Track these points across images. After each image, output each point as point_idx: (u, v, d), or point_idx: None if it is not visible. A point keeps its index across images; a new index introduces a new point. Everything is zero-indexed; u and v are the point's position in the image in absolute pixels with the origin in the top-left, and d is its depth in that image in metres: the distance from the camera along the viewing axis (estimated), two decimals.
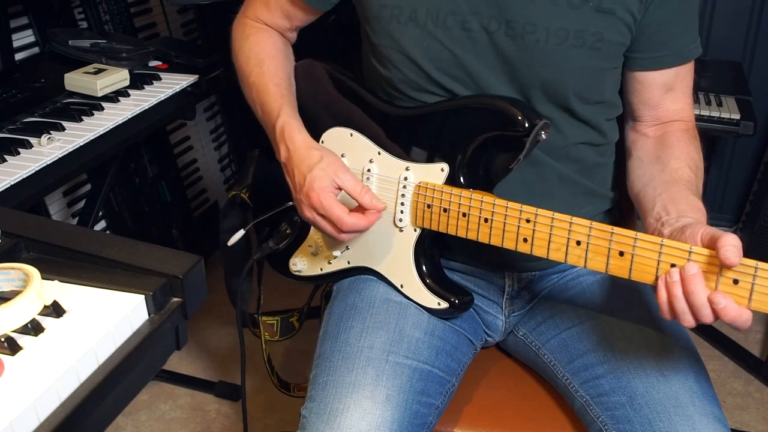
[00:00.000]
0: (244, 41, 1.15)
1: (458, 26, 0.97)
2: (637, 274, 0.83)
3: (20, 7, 1.64)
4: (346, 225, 0.96)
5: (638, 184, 1.02)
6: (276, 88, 1.08)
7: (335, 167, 0.98)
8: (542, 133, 0.93)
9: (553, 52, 0.95)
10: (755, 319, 2.14)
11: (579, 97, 1.00)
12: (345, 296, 1.09)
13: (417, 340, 1.02)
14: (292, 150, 1.02)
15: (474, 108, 0.98)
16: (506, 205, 0.91)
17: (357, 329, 1.02)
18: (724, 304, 0.76)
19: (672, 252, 0.80)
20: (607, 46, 0.96)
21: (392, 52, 1.02)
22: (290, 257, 1.16)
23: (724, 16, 2.19)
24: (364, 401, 0.93)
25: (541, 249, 0.90)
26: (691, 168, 0.99)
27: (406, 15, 0.99)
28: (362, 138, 1.06)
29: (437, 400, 1.00)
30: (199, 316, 2.15)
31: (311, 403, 0.96)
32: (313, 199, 0.97)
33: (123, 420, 1.80)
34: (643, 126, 1.08)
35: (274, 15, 1.15)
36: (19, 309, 0.63)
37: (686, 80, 1.06)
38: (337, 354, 1.00)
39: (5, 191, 1.13)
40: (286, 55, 1.15)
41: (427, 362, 1.01)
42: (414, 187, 1.01)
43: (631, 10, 0.95)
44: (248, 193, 1.24)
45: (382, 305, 1.05)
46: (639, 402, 0.92)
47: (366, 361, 0.97)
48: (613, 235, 0.84)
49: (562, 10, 0.94)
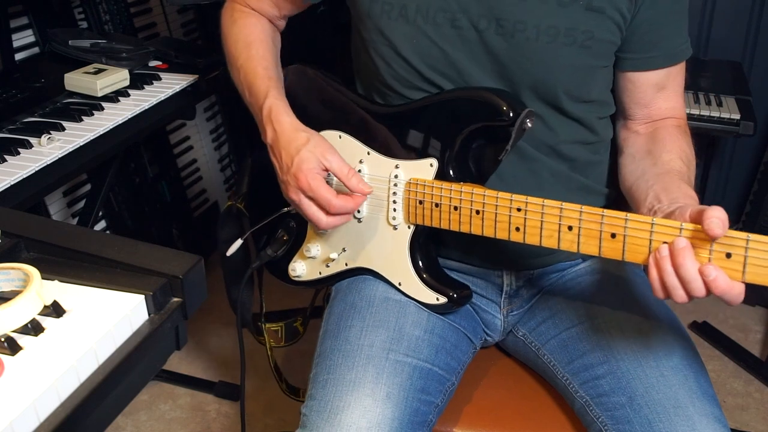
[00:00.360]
0: (232, 25, 1.15)
1: (448, 23, 0.97)
2: (631, 255, 0.83)
3: (20, 7, 1.64)
4: (333, 207, 0.96)
5: (630, 179, 1.02)
6: (264, 71, 1.08)
7: (322, 149, 0.98)
8: (527, 121, 0.93)
9: (544, 50, 0.96)
10: (755, 319, 2.15)
11: (569, 95, 1.00)
12: (345, 296, 1.09)
13: (417, 339, 1.02)
14: (279, 131, 1.01)
15: (458, 101, 0.99)
16: (496, 195, 0.92)
17: (357, 328, 1.02)
18: (714, 275, 0.75)
19: (663, 230, 0.80)
20: (598, 44, 0.97)
21: (382, 48, 1.02)
22: (289, 263, 1.16)
23: (724, 16, 2.19)
24: (364, 399, 0.93)
25: (533, 237, 0.90)
26: (683, 160, 0.99)
27: (397, 11, 0.99)
28: (351, 139, 1.07)
29: (437, 399, 1.00)
30: (199, 316, 2.15)
31: (312, 402, 0.96)
32: (301, 180, 0.97)
33: (123, 420, 1.80)
34: (634, 124, 1.08)
35: (262, 2, 1.16)
36: (19, 309, 0.63)
37: (678, 79, 1.06)
38: (338, 352, 1.00)
39: (5, 191, 1.13)
40: (273, 40, 1.16)
41: (427, 360, 1.01)
42: (405, 185, 1.01)
43: (620, 9, 0.95)
44: (244, 202, 1.24)
45: (381, 304, 1.05)
46: (639, 402, 0.92)
47: (366, 359, 0.97)
48: (604, 218, 0.84)
49: (552, 8, 0.94)
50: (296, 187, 0.99)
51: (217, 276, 1.31)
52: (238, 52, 1.12)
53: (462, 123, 0.97)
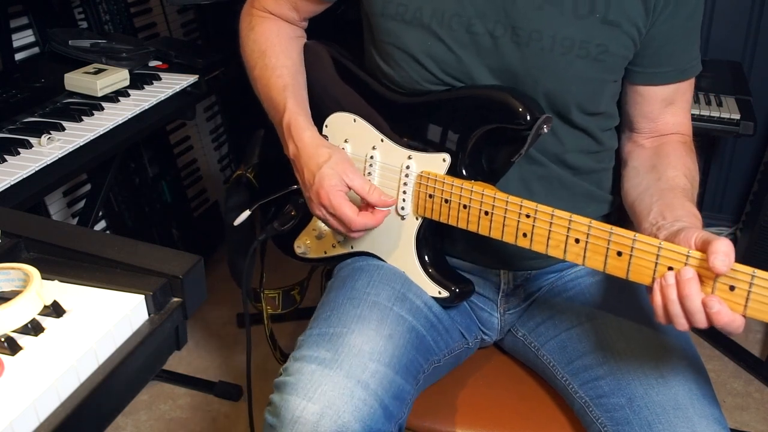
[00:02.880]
0: (249, 32, 1.15)
1: (463, 29, 0.97)
2: (635, 275, 0.83)
3: (20, 7, 1.64)
4: (355, 225, 0.98)
5: (633, 193, 1.02)
6: (279, 79, 1.08)
7: (344, 166, 0.98)
8: (544, 127, 0.93)
9: (557, 61, 0.95)
10: (755, 320, 2.15)
11: (579, 107, 1.00)
12: (352, 263, 1.10)
13: (417, 306, 1.03)
14: (300, 147, 1.02)
15: (477, 99, 0.98)
16: (506, 199, 0.92)
17: (363, 281, 1.04)
18: (717, 308, 0.76)
19: (669, 255, 0.80)
20: (611, 58, 0.96)
21: (395, 50, 1.02)
22: (295, 239, 1.16)
23: (724, 16, 2.19)
24: (368, 331, 0.94)
25: (540, 245, 0.90)
26: (688, 177, 0.99)
27: (411, 13, 0.99)
28: (365, 124, 1.06)
29: (424, 365, 1.02)
30: (199, 316, 2.15)
31: (311, 330, 0.97)
32: (323, 197, 0.98)
33: (123, 420, 1.80)
34: (640, 137, 1.08)
35: (281, 6, 1.15)
36: (19, 309, 0.63)
37: (686, 95, 1.06)
38: (343, 297, 1.01)
39: (5, 191, 1.13)
40: (290, 38, 1.14)
41: (423, 327, 1.02)
42: (416, 177, 1.01)
43: (636, 23, 0.95)
44: (254, 173, 1.24)
45: (388, 270, 1.06)
46: (638, 404, 0.92)
47: (372, 305, 0.99)
48: (612, 235, 0.84)
49: (569, 19, 0.94)
50: (319, 203, 1.00)
51: (217, 276, 1.31)
52: (254, 61, 1.12)
53: (479, 122, 0.96)
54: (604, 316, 1.04)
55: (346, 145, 1.07)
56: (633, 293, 1.06)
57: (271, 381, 1.38)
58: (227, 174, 2.47)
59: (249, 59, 1.13)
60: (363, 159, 1.06)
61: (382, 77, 1.07)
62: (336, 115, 1.09)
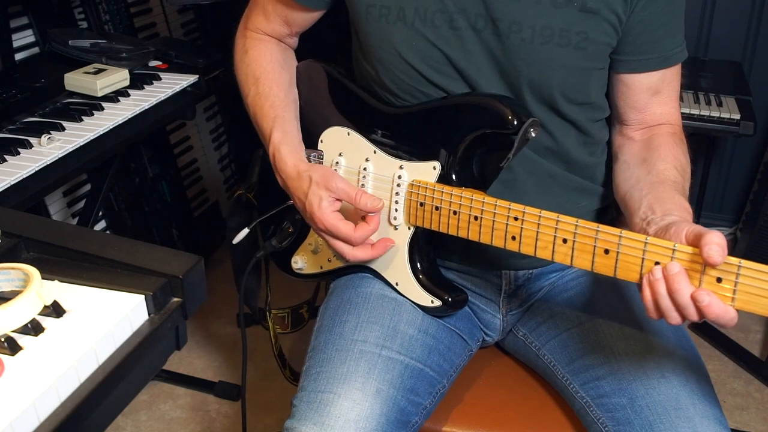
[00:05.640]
0: (244, 55, 1.16)
1: (446, 25, 0.97)
2: (622, 273, 0.83)
3: (20, 7, 1.64)
4: (355, 239, 0.99)
5: (624, 187, 1.02)
6: (270, 110, 1.09)
7: (325, 181, 0.99)
8: (531, 131, 0.93)
9: (538, 51, 0.96)
10: (755, 320, 2.15)
11: (565, 96, 1.00)
12: (341, 291, 1.10)
13: (410, 338, 1.02)
14: (285, 178, 1.05)
15: (463, 106, 0.99)
16: (495, 203, 0.92)
17: (351, 323, 1.03)
18: (707, 301, 0.75)
19: (656, 250, 0.80)
20: (593, 46, 0.96)
21: (382, 53, 1.02)
22: (292, 255, 1.17)
23: (724, 16, 2.19)
24: (354, 392, 0.94)
25: (528, 247, 0.90)
26: (678, 170, 0.99)
27: (394, 14, 0.99)
28: (358, 137, 1.07)
29: (426, 400, 1.01)
30: (199, 316, 2.15)
31: (302, 393, 0.97)
32: (317, 222, 1.00)
33: (123, 420, 1.80)
34: (629, 130, 1.08)
35: (273, 23, 1.16)
36: (19, 309, 0.63)
37: (673, 84, 1.05)
38: (331, 346, 1.00)
39: (5, 191, 1.13)
40: (282, 65, 1.15)
41: (419, 360, 1.01)
42: (407, 186, 1.01)
43: (615, 10, 0.95)
44: (253, 192, 1.25)
45: (377, 301, 1.05)
46: (639, 404, 0.92)
47: (359, 354, 0.98)
48: (599, 233, 0.84)
49: (547, 8, 0.94)
50: (316, 228, 1.02)
51: (217, 276, 1.31)
52: (248, 87, 1.13)
53: (466, 129, 0.97)
54: (605, 316, 1.04)
55: (341, 158, 1.08)
56: (634, 293, 1.06)
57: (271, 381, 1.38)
58: (227, 174, 2.47)
59: (243, 85, 1.15)
60: (357, 171, 1.06)
61: (373, 85, 1.08)
62: (331, 130, 1.10)
